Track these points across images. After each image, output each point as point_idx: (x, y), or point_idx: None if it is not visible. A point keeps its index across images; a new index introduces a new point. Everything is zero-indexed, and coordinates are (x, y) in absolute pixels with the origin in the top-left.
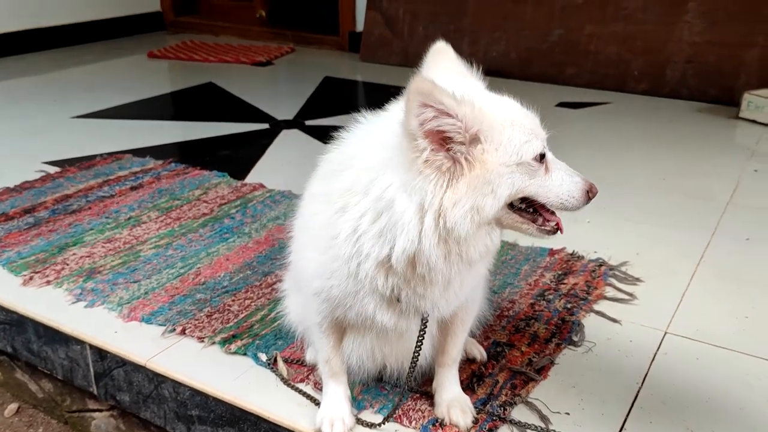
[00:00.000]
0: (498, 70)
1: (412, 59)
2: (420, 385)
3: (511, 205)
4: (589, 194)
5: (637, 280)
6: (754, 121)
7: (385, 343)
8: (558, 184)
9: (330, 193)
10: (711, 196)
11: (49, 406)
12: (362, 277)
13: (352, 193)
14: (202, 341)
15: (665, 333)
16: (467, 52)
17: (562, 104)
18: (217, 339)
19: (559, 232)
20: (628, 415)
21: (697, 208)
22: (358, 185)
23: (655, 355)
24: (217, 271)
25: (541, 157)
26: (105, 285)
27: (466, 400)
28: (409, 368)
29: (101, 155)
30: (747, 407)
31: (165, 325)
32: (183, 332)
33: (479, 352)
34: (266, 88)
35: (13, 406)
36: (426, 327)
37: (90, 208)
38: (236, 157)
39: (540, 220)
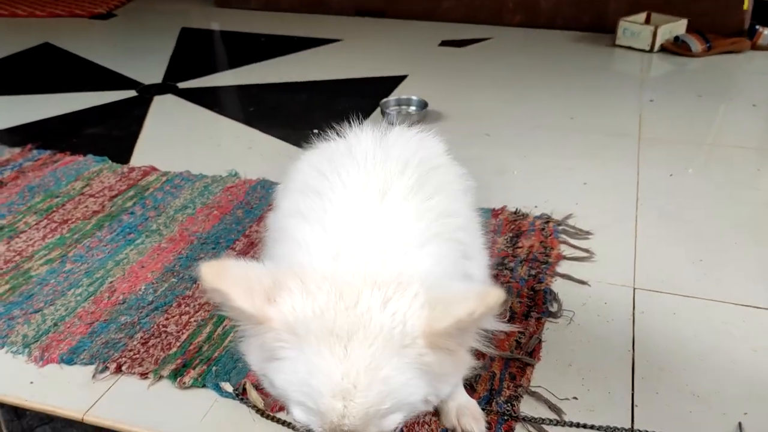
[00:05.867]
0: (368, 9)
1: (275, 2)
2: None
3: None
4: None
5: (588, 233)
6: (630, 48)
7: None
8: None
9: None
10: (622, 132)
11: None
12: None
13: None
14: (147, 377)
15: (634, 289)
16: None
17: (445, 42)
18: (165, 372)
19: None
20: (633, 389)
21: (614, 146)
22: None
23: (633, 316)
24: (135, 283)
25: None
26: None
27: (474, 406)
28: None
29: None
30: (737, 359)
31: (93, 363)
32: (119, 369)
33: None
34: (118, 46)
35: None
36: None
37: None
38: (110, 135)
39: None
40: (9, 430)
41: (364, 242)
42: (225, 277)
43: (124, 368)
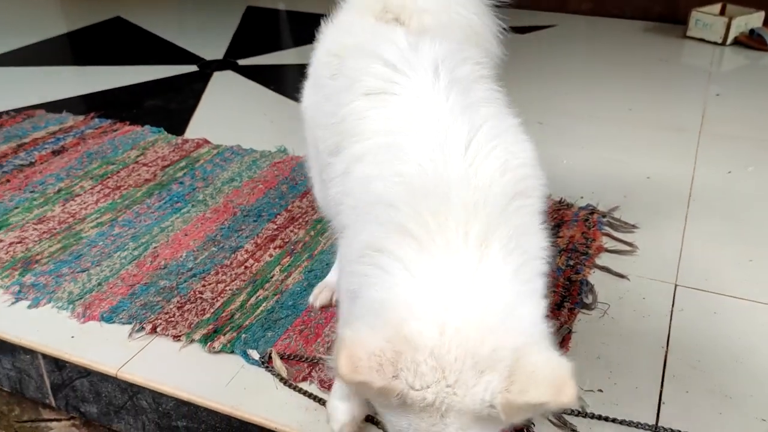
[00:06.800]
0: None
1: None
2: None
3: None
4: None
5: (633, 227)
6: (702, 40)
7: None
8: None
9: None
10: (682, 126)
11: None
12: None
13: None
14: (179, 340)
15: (675, 286)
16: None
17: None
18: (197, 336)
19: None
20: (662, 386)
21: (672, 140)
22: None
23: (671, 313)
24: (177, 250)
25: None
26: (47, 278)
27: None
28: None
29: (7, 112)
30: None
31: (131, 323)
32: (154, 330)
33: None
34: (184, 22)
35: None
36: None
37: (9, 180)
38: (168, 108)
39: None
40: (50, 380)
41: (465, 314)
42: (359, 367)
43: (158, 330)
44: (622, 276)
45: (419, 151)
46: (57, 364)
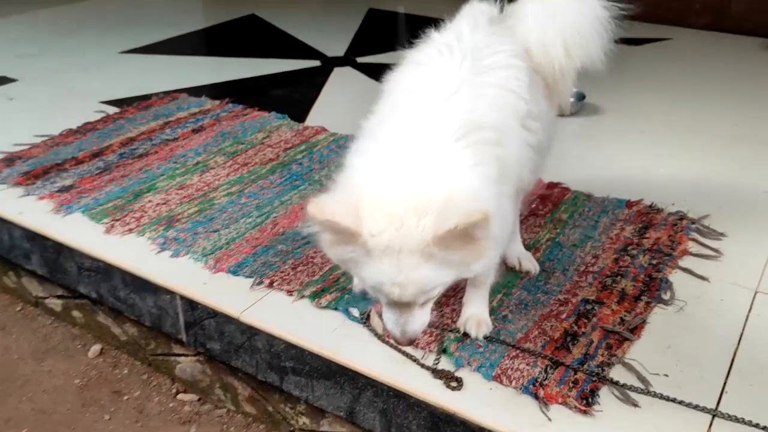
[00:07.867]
0: None
1: None
2: (517, 341)
3: None
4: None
5: (721, 235)
6: None
7: None
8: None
9: None
10: None
11: (132, 349)
12: None
13: None
14: (291, 294)
15: (756, 292)
16: None
17: (620, 40)
18: (307, 293)
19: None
20: (727, 378)
21: None
22: None
23: (747, 316)
24: (293, 220)
25: None
26: (186, 234)
27: (484, 317)
28: None
29: (157, 94)
30: None
31: (252, 277)
32: (271, 285)
33: (533, 266)
34: (311, 21)
35: (96, 348)
36: None
37: (156, 152)
38: (292, 97)
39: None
40: (184, 318)
41: (409, 174)
42: (325, 211)
43: (275, 285)
44: (703, 278)
45: (413, 89)
46: (191, 304)
